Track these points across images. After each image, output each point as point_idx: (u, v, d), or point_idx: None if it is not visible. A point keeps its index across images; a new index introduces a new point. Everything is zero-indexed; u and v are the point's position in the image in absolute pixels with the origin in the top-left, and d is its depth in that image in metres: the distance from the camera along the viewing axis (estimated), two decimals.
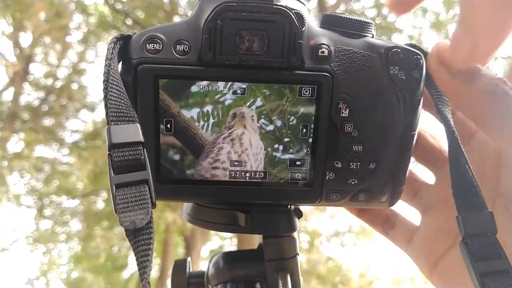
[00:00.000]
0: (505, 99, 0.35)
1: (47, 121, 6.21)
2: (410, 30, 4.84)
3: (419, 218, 0.47)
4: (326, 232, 6.78)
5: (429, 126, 0.45)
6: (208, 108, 0.38)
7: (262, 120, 0.39)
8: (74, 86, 6.17)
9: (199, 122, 0.38)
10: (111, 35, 5.25)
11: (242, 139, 0.39)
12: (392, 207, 0.44)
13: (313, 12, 4.66)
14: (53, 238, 6.24)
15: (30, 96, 6.30)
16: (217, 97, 0.37)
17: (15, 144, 6.05)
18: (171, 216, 4.58)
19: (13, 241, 6.33)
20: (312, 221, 6.40)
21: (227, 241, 6.89)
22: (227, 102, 0.38)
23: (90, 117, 6.38)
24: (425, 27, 4.78)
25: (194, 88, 0.37)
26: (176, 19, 4.97)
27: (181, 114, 0.38)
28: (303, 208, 0.47)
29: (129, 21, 5.01)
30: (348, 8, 4.87)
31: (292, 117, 0.38)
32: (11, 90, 6.17)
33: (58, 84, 6.18)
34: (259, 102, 0.38)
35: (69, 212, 6.01)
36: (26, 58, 6.06)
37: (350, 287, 6.48)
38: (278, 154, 0.39)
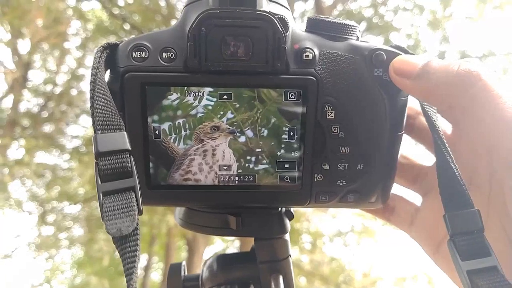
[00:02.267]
0: (468, 77, 0.35)
1: (47, 128, 6.22)
2: (408, 29, 4.84)
3: (421, 199, 0.48)
4: (329, 232, 6.77)
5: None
6: (180, 121, 0.38)
7: None
8: (73, 92, 6.18)
9: (170, 135, 0.38)
10: (109, 40, 5.25)
11: (216, 151, 0.39)
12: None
13: (310, 13, 4.66)
14: (56, 244, 6.24)
15: (29, 102, 6.32)
16: (188, 109, 0.38)
17: (16, 151, 6.06)
18: (173, 220, 4.57)
19: (16, 247, 6.33)
20: (314, 222, 6.39)
21: (230, 244, 6.88)
22: (199, 115, 0.38)
23: (90, 122, 6.36)
24: (422, 26, 4.77)
25: (165, 102, 0.37)
26: (173, 23, 4.97)
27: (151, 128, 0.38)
28: (304, 209, 0.47)
29: (126, 26, 5.01)
30: (345, 8, 4.87)
31: (263, 129, 0.39)
32: (11, 97, 6.19)
33: (57, 90, 6.19)
34: (229, 114, 0.38)
35: (71, 217, 6.01)
36: (24, 65, 6.07)
37: (354, 287, 6.46)
38: (251, 165, 0.40)
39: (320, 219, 6.40)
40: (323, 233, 6.72)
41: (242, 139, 0.39)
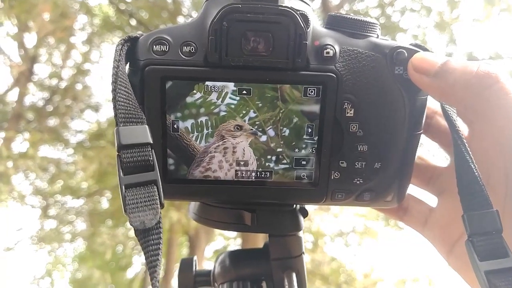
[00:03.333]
0: (486, 79, 0.35)
1: (52, 121, 6.23)
2: (415, 30, 4.82)
3: (436, 200, 0.47)
4: (330, 232, 6.77)
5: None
6: (203, 119, 0.38)
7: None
8: (79, 86, 6.19)
9: (193, 133, 0.39)
10: (115, 35, 5.27)
11: (236, 148, 0.39)
12: None
13: (317, 12, 4.66)
14: (58, 237, 6.25)
15: (34, 96, 6.34)
16: (211, 108, 0.38)
17: (20, 144, 6.07)
18: (176, 216, 4.58)
19: (18, 240, 6.35)
20: (316, 221, 6.38)
21: (231, 241, 6.89)
22: (222, 114, 0.38)
23: (95, 117, 6.39)
24: (429, 27, 4.75)
25: (188, 99, 0.38)
26: (180, 19, 4.97)
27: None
28: (306, 207, 0.47)
29: (133, 22, 5.01)
30: (352, 8, 4.86)
31: (285, 128, 0.39)
32: (16, 90, 6.20)
33: (63, 84, 6.20)
34: (252, 113, 0.38)
35: (73, 211, 6.02)
36: (30, 59, 6.08)
37: (354, 287, 6.46)
38: (271, 165, 0.40)
39: (321, 219, 6.40)
40: (324, 232, 6.71)
41: (263, 138, 0.39)
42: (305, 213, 0.46)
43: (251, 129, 0.39)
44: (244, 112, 0.38)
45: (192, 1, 4.96)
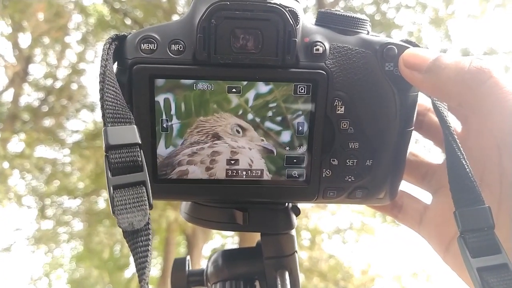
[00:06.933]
0: (479, 74, 0.34)
1: (48, 122, 6.22)
2: (410, 26, 4.83)
3: (431, 197, 0.47)
4: (328, 229, 6.78)
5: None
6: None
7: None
8: (74, 86, 6.18)
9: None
10: (110, 35, 5.25)
11: (237, 155, 0.40)
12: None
13: (312, 9, 4.65)
14: (55, 238, 6.24)
15: (30, 96, 6.31)
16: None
17: (16, 144, 6.05)
18: (173, 215, 4.57)
19: (15, 241, 6.34)
20: (313, 219, 6.39)
21: (229, 240, 6.90)
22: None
23: (90, 117, 6.37)
24: (425, 23, 4.76)
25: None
26: (175, 18, 4.96)
27: None
28: (304, 205, 0.47)
29: (128, 21, 5.00)
30: (347, 5, 4.86)
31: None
32: (11, 91, 6.18)
33: (58, 84, 6.18)
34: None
35: (70, 212, 6.01)
36: (25, 59, 6.06)
37: (352, 284, 6.47)
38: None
39: (319, 216, 6.41)
40: (322, 230, 6.73)
41: (286, 135, 0.39)
42: (297, 211, 0.46)
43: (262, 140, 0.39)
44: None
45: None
